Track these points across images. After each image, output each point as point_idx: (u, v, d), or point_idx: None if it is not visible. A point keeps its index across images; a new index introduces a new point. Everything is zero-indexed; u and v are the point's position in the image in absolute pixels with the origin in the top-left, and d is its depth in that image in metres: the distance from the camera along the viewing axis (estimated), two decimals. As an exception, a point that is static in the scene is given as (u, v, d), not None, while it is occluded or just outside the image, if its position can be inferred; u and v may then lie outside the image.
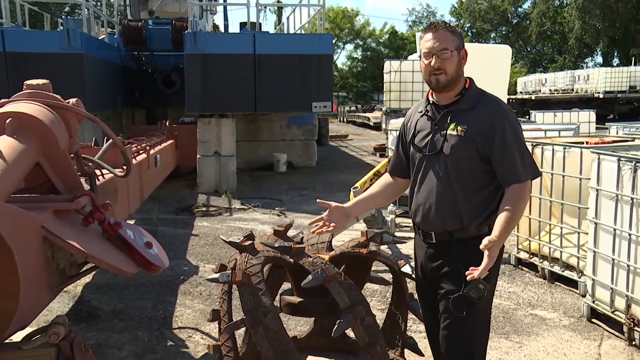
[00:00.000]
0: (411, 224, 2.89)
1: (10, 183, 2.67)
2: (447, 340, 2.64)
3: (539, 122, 15.23)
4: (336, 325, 2.79)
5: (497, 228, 2.45)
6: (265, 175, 13.02)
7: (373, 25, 63.62)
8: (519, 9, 51.20)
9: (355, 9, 54.46)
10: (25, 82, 3.20)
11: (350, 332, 3.41)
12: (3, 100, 3.09)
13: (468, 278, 2.41)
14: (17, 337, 2.43)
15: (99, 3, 15.00)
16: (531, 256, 6.13)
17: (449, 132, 2.55)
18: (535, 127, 9.73)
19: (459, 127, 2.54)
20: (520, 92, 35.69)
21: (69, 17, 21.44)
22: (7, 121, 2.82)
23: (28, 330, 2.52)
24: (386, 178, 2.97)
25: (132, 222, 4.19)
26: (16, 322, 2.15)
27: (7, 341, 2.26)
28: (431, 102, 2.68)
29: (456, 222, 2.58)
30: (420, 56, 2.64)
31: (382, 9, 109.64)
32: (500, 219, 2.47)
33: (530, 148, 6.12)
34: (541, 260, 5.95)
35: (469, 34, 50.15)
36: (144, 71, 13.38)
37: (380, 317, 3.42)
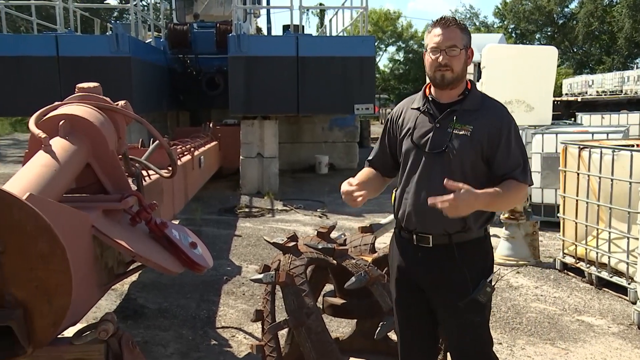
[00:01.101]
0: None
1: (63, 183, 2.74)
2: (466, 344, 2.58)
3: (586, 124, 14.89)
4: (379, 328, 2.79)
5: (484, 190, 2.36)
6: (307, 177, 13.06)
7: (415, 27, 63.21)
8: (566, 9, 50.16)
9: (398, 11, 54.09)
10: (77, 85, 3.29)
11: (392, 335, 3.41)
12: (57, 103, 3.19)
13: (429, 202, 2.31)
14: (69, 332, 2.50)
15: (145, 8, 15.28)
16: (577, 261, 6.00)
17: (455, 131, 2.48)
18: (582, 130, 9.52)
19: (464, 127, 2.49)
20: (566, 94, 34.94)
21: (117, 21, 21.92)
22: (60, 123, 2.90)
23: (79, 326, 2.58)
24: (370, 169, 2.78)
25: (176, 222, 4.26)
26: (68, 318, 2.20)
27: (59, 336, 2.33)
28: (430, 99, 2.59)
29: (458, 223, 2.46)
30: (425, 50, 2.55)
31: (424, 11, 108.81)
32: (490, 190, 2.38)
33: (577, 151, 6.03)
34: (588, 266, 5.82)
35: (513, 35, 49.34)
36: (188, 74, 13.58)
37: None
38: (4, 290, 2.03)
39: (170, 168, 3.74)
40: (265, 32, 17.30)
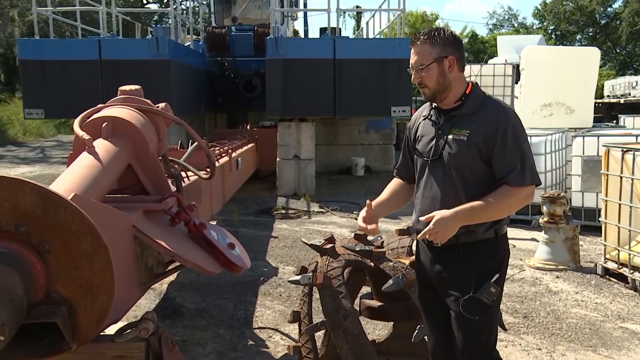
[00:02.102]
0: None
1: (105, 184, 2.80)
2: (464, 343, 2.57)
3: (629, 126, 14.56)
4: (416, 331, 2.78)
5: (461, 206, 2.41)
6: (343, 179, 13.06)
7: (452, 29, 62.57)
8: (609, 9, 49.07)
9: (435, 13, 53.56)
10: (119, 88, 3.35)
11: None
12: (100, 105, 3.26)
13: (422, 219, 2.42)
14: (110, 330, 2.55)
15: (185, 11, 15.50)
16: (620, 266, 5.86)
17: (451, 136, 2.51)
18: (625, 132, 9.31)
19: (461, 132, 2.50)
20: (608, 96, 34.15)
21: (158, 25, 22.28)
22: (103, 125, 2.96)
23: (120, 324, 2.63)
24: (396, 181, 2.87)
25: (214, 223, 4.31)
26: (110, 316, 2.25)
27: (102, 334, 2.38)
28: (434, 106, 2.64)
29: (462, 227, 2.47)
30: None
31: (462, 13, 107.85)
32: (472, 203, 2.42)
33: (620, 154, 5.90)
34: (632, 271, 5.68)
35: (553, 36, 48.48)
36: (226, 76, 13.71)
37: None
38: (50, 288, 2.08)
39: (208, 169, 3.79)
40: (302, 34, 17.37)
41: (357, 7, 24.55)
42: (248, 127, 10.91)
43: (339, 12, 11.54)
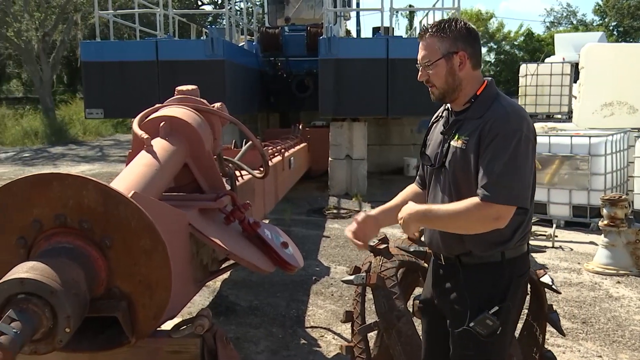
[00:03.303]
0: (546, 233, 2.71)
1: (163, 182, 2.86)
2: None
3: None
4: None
5: (425, 205, 2.23)
6: (395, 179, 12.97)
7: (507, 27, 61.50)
8: (676, 3, 47.23)
9: (490, 11, 52.70)
10: (176, 88, 3.42)
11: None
12: (157, 105, 3.33)
13: None
14: (167, 326, 2.60)
15: (239, 12, 15.70)
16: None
17: (452, 143, 2.24)
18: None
19: (461, 139, 2.21)
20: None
21: (212, 26, 22.65)
22: (161, 124, 3.02)
23: (176, 320, 2.68)
24: (412, 188, 2.63)
25: (266, 222, 4.35)
26: (167, 312, 2.29)
27: (158, 329, 2.42)
28: (447, 107, 2.37)
29: (459, 245, 2.25)
30: None
31: (517, 11, 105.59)
32: (432, 205, 2.25)
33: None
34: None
35: (615, 33, 46.99)
36: (279, 76, 13.82)
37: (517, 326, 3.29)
38: (110, 283, 2.14)
39: (262, 169, 3.82)
40: (354, 34, 17.35)
41: (410, 6, 24.35)
42: (300, 126, 10.96)
43: (392, 11, 11.48)
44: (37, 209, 2.08)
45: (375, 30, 14.27)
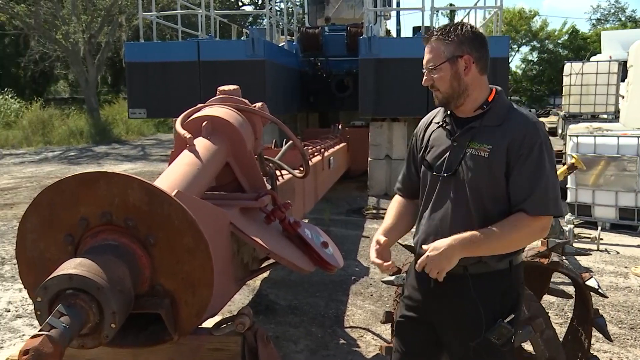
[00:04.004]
0: (591, 235, 2.64)
1: (205, 181, 2.89)
2: None
3: None
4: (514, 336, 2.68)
5: (460, 235, 2.08)
6: (435, 180, 12.86)
7: (551, 25, 60.34)
8: None
9: (534, 9, 51.68)
10: (218, 88, 3.45)
11: (527, 345, 3.27)
12: (200, 104, 3.37)
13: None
14: (208, 323, 2.63)
15: (279, 12, 15.79)
16: None
17: (470, 151, 2.16)
18: None
19: (482, 147, 2.14)
20: None
21: (253, 26, 22.85)
22: (203, 124, 3.06)
23: (217, 318, 2.70)
24: (399, 201, 2.52)
25: (306, 221, 4.36)
26: (209, 310, 2.31)
27: (200, 326, 2.45)
28: (449, 112, 2.28)
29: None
30: None
31: (561, 9, 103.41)
32: (473, 232, 2.08)
33: None
34: None
35: (667, 30, 45.65)
36: (318, 76, 13.83)
37: (558, 331, 3.22)
38: (154, 281, 2.17)
39: (302, 168, 3.83)
40: (394, 34, 17.26)
41: (451, 5, 24.11)
42: (340, 126, 10.96)
43: (433, 10, 11.38)
44: (84, 207, 2.13)
45: (416, 29, 14.17)
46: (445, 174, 2.20)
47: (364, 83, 10.81)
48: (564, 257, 2.93)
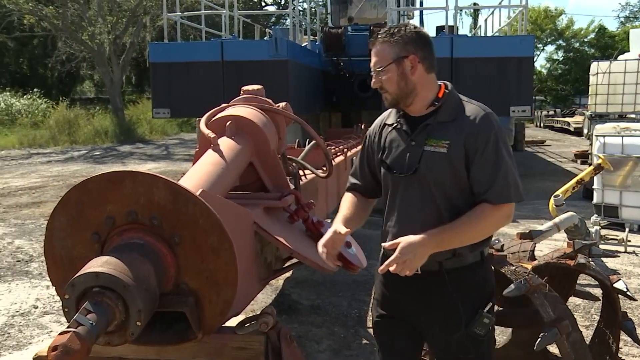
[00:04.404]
0: (618, 237, 2.61)
1: (229, 181, 2.91)
2: None
3: None
4: (539, 339, 2.66)
5: (431, 231, 2.09)
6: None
7: (577, 24, 59.51)
8: None
9: (560, 8, 50.99)
10: (242, 88, 3.46)
11: (552, 348, 3.24)
12: (224, 104, 3.38)
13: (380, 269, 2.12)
14: (232, 322, 2.65)
15: (302, 12, 15.82)
16: None
17: (428, 148, 2.18)
18: None
19: (440, 143, 2.16)
20: None
21: (276, 26, 22.93)
22: (228, 124, 3.07)
23: (240, 317, 2.72)
24: (350, 197, 2.51)
25: (329, 221, 4.36)
26: (233, 309, 2.33)
27: (224, 325, 2.47)
28: (402, 112, 2.30)
29: (446, 251, 2.18)
30: None
31: (588, 7, 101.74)
32: (443, 227, 2.11)
33: None
34: None
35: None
36: (341, 76, 13.82)
37: (585, 335, 3.19)
38: (179, 279, 2.19)
39: (325, 168, 3.84)
40: (417, 33, 17.20)
41: (475, 4, 23.94)
42: (362, 126, 10.93)
43: (457, 9, 11.32)
44: (110, 206, 2.15)
45: (439, 29, 14.09)
46: (407, 174, 2.22)
47: (387, 83, 10.78)
48: (590, 259, 2.90)
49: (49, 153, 18.21)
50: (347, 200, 2.49)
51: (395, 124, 2.31)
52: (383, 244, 2.26)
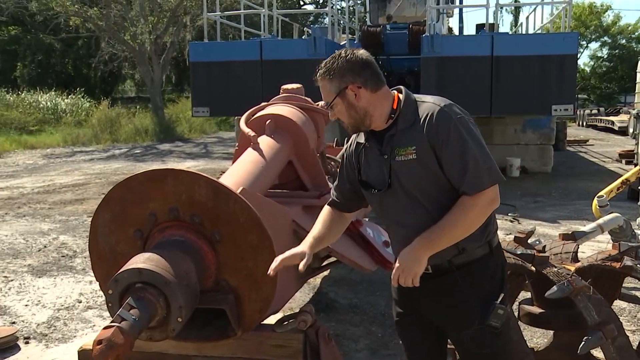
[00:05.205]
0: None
1: (268, 179, 2.93)
2: None
3: None
4: (583, 342, 2.60)
5: (419, 237, 2.11)
6: (497, 180, 12.61)
7: (624, 19, 58.00)
8: None
9: (606, 4, 49.63)
10: (282, 87, 3.48)
11: (596, 352, 3.17)
12: (263, 103, 3.40)
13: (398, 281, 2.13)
14: (270, 320, 2.66)
15: (340, 11, 15.81)
16: None
17: (399, 158, 2.17)
18: None
19: (407, 150, 2.15)
20: None
21: (315, 25, 22.96)
22: (267, 122, 3.09)
23: (278, 315, 2.73)
24: (329, 213, 2.47)
25: (367, 220, 4.34)
26: (272, 307, 2.34)
27: (263, 323, 2.48)
28: (369, 130, 2.29)
29: (452, 249, 2.18)
30: None
31: (636, 2, 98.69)
32: (430, 230, 2.12)
33: None
34: None
35: None
36: (379, 75, 13.78)
37: (631, 339, 3.11)
38: (219, 277, 2.21)
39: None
40: (456, 32, 17.01)
41: (516, 1, 23.55)
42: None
43: (498, 7, 11.18)
44: (152, 203, 2.19)
45: (479, 27, 13.93)
46: (386, 189, 2.22)
47: (425, 81, 10.70)
48: (637, 262, 2.82)
49: (92, 151, 18.59)
50: (322, 218, 2.46)
51: (364, 143, 2.31)
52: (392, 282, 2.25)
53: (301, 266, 2.18)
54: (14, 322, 4.56)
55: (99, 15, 25.18)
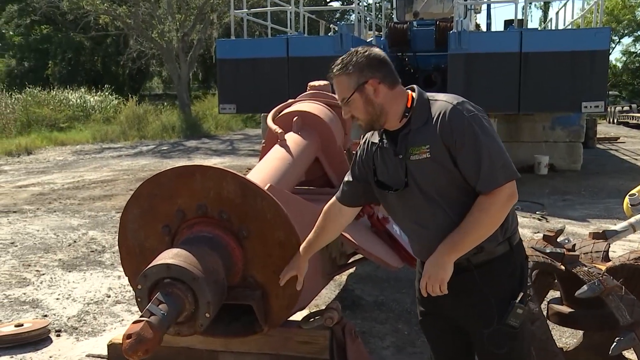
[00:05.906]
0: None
1: (295, 176, 2.93)
2: None
3: None
4: (615, 343, 2.56)
5: (442, 244, 2.12)
6: (524, 178, 12.41)
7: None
8: None
9: (641, -3, 48.60)
10: (309, 84, 3.48)
11: (629, 353, 3.11)
12: (290, 100, 3.41)
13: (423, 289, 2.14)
14: (297, 317, 2.66)
15: (366, 8, 15.77)
16: None
17: (413, 157, 2.16)
18: None
19: (421, 149, 2.14)
20: None
21: (341, 22, 22.93)
22: (294, 119, 3.10)
23: (304, 312, 2.73)
24: (332, 209, 2.45)
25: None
26: (299, 303, 2.34)
27: (289, 319, 2.49)
28: (382, 130, 2.29)
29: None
30: None
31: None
32: (452, 235, 2.12)
33: None
34: None
35: None
36: (406, 71, 13.70)
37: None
38: (246, 273, 2.23)
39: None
40: (484, 28, 16.84)
41: (545, -4, 23.26)
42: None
43: (527, 2, 11.03)
44: (181, 199, 2.21)
45: (507, 22, 13.77)
46: (403, 188, 2.21)
47: (453, 78, 10.61)
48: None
49: (120, 147, 18.81)
50: (321, 217, 2.41)
51: (379, 143, 2.31)
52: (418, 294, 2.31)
53: (298, 286, 2.26)
54: (45, 315, 4.65)
55: (127, 13, 25.50)
